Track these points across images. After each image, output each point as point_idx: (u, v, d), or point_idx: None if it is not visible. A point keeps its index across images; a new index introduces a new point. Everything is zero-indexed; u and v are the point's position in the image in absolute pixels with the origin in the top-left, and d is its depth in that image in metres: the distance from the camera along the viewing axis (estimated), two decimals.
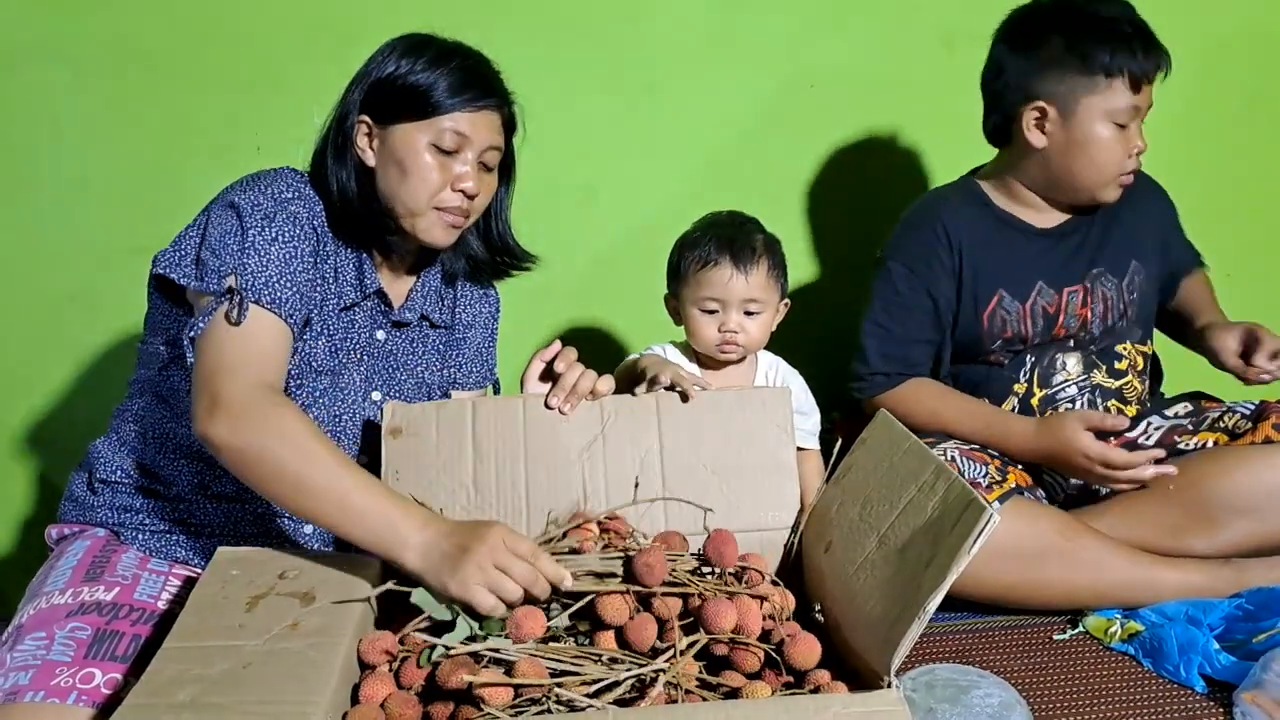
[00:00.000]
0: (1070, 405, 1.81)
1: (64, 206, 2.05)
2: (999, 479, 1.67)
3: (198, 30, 2.01)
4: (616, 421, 1.44)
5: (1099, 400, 1.82)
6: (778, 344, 1.78)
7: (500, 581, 1.15)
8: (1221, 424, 1.76)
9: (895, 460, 1.33)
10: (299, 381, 1.43)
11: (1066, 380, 1.82)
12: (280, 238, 1.36)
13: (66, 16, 1.97)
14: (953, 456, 1.69)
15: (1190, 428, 1.78)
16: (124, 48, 2.00)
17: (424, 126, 1.41)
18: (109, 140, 2.04)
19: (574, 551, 1.26)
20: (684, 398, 1.47)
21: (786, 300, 1.77)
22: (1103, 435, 1.67)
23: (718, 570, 1.25)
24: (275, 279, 1.34)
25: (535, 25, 2.12)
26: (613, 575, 1.21)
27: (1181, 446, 1.75)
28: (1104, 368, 1.83)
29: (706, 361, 1.77)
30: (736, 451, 1.45)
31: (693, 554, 1.29)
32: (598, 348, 2.31)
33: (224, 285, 1.32)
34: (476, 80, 1.44)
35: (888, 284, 1.84)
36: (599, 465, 1.43)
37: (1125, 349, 1.85)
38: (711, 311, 1.71)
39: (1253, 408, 1.75)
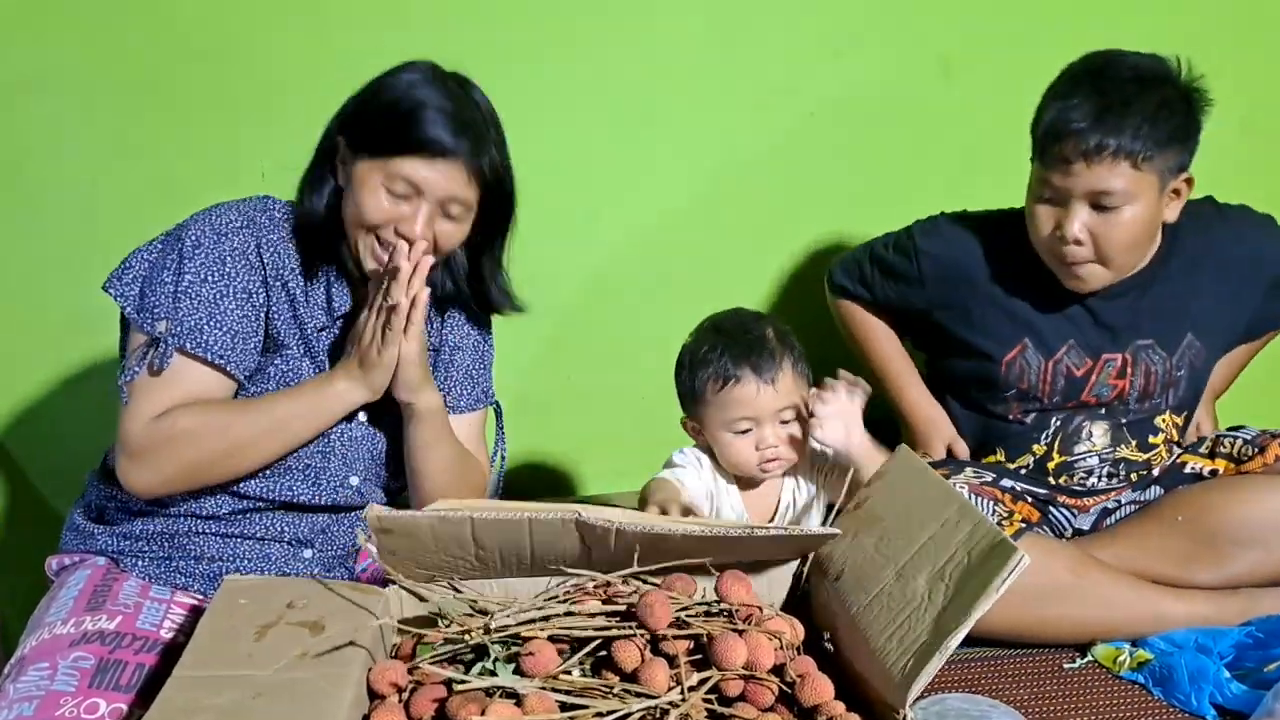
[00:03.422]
0: (1086, 475, 1.76)
1: (69, 232, 2.06)
2: (1006, 516, 1.66)
3: (204, 58, 2.01)
4: None
5: (1121, 472, 1.76)
6: None
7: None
8: (1222, 449, 1.75)
9: (916, 496, 1.33)
10: None
11: (1090, 451, 1.76)
12: (211, 277, 1.38)
13: (73, 46, 1.97)
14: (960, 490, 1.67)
15: (1200, 451, 1.78)
16: (131, 76, 2.00)
17: (379, 165, 1.38)
18: (115, 166, 2.04)
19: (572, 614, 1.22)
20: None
21: (814, 390, 1.60)
22: None
23: (728, 610, 1.21)
24: (205, 322, 1.37)
25: (536, 51, 2.13)
26: (618, 615, 1.20)
27: (1189, 470, 1.75)
28: (1134, 442, 1.76)
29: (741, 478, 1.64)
30: None
31: (701, 602, 1.24)
32: (598, 369, 2.31)
33: (156, 329, 1.36)
34: (441, 130, 1.37)
35: (895, 254, 1.85)
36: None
37: (1164, 421, 1.77)
38: (744, 431, 1.57)
39: (1254, 434, 1.74)
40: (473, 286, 1.58)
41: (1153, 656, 1.53)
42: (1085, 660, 1.58)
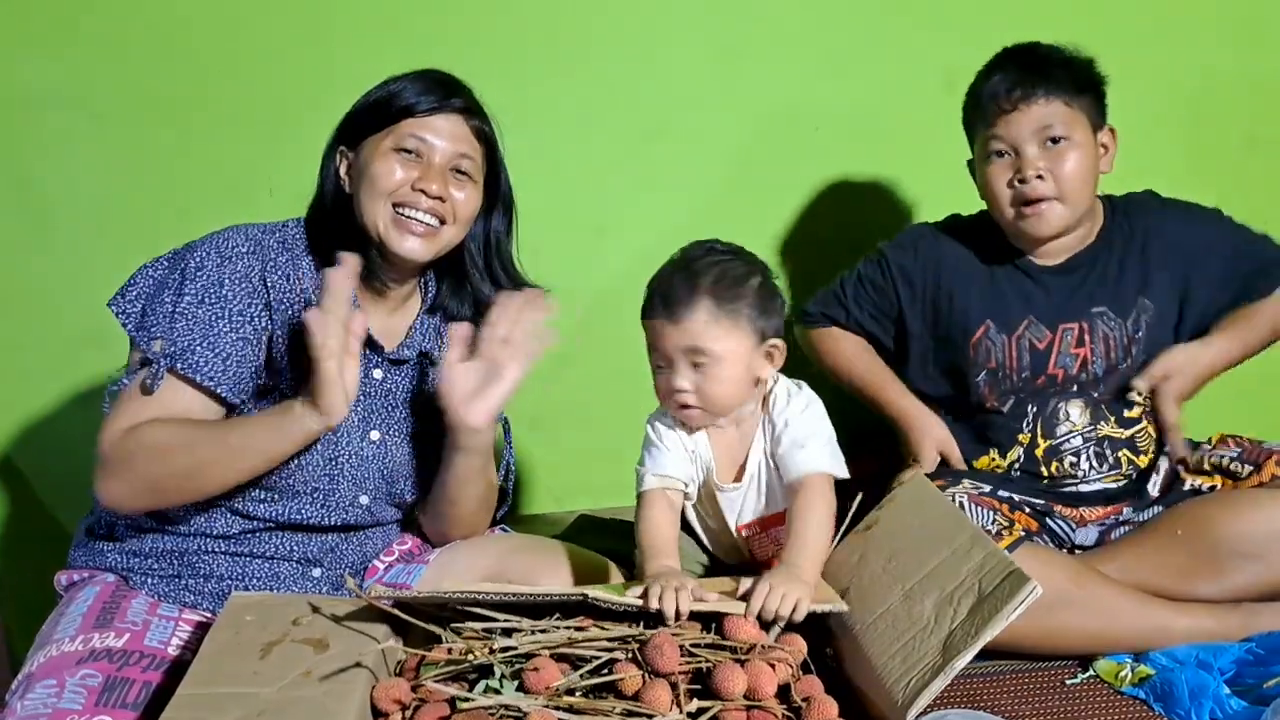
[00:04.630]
0: (1075, 457, 1.80)
1: (80, 249, 2.07)
2: (1006, 525, 1.66)
3: (213, 76, 2.03)
4: None
5: (1108, 451, 1.80)
6: None
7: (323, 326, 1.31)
8: (1218, 464, 1.75)
9: (927, 522, 1.34)
10: None
11: (1071, 431, 1.81)
12: (208, 299, 1.39)
13: (84, 64, 2.00)
14: (960, 502, 1.67)
15: (1193, 467, 1.78)
16: (140, 94, 2.02)
17: (387, 134, 1.45)
18: (125, 183, 2.06)
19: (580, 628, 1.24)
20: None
21: (774, 341, 1.51)
22: None
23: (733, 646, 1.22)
24: (198, 344, 1.38)
25: (546, 69, 2.15)
26: (624, 642, 1.20)
27: (1188, 487, 1.75)
28: (1113, 418, 1.81)
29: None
30: None
31: (706, 634, 1.25)
32: (603, 385, 2.32)
33: (151, 348, 1.37)
34: (436, 85, 1.47)
35: (869, 267, 1.94)
36: None
37: (1137, 393, 1.82)
38: (660, 368, 1.51)
39: (1249, 447, 1.74)
40: (495, 289, 1.58)
41: (1154, 672, 1.53)
42: (1087, 675, 1.58)
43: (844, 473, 1.51)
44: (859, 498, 1.47)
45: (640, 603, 1.24)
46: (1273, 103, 2.40)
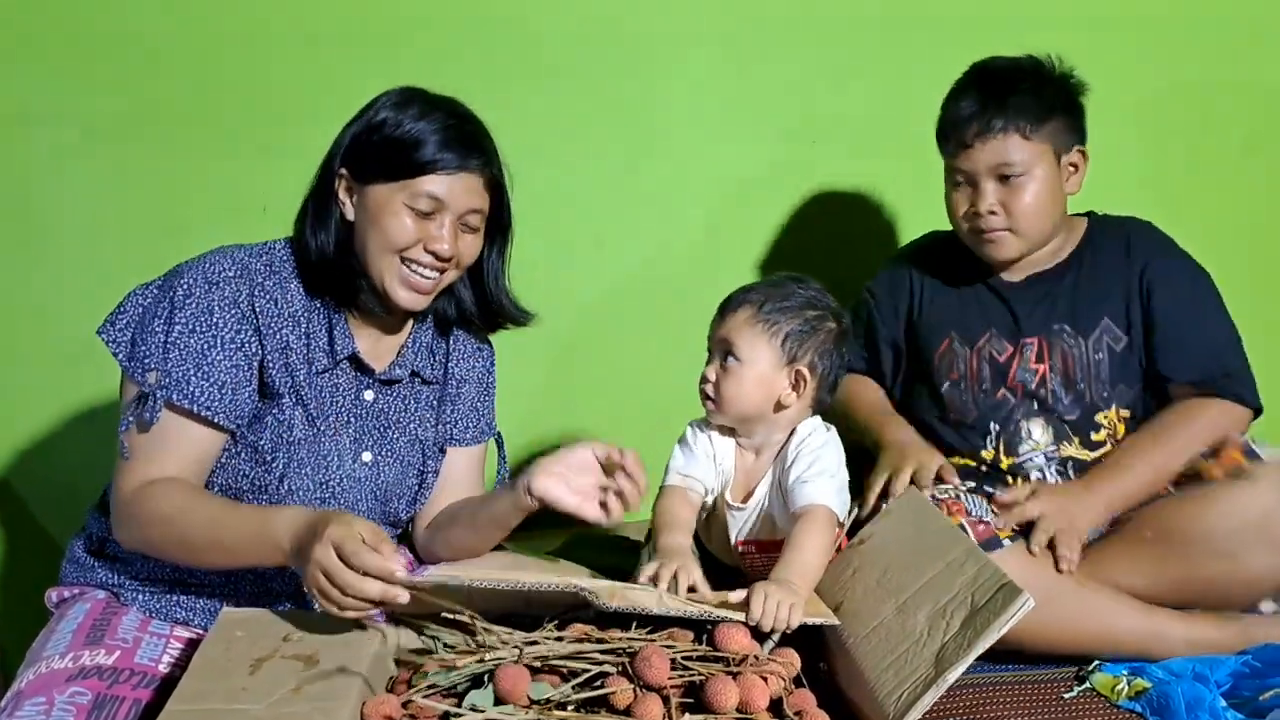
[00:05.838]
0: (1040, 475, 1.78)
1: (73, 265, 2.07)
2: (999, 515, 1.66)
3: (205, 93, 2.04)
4: None
5: (1071, 472, 1.77)
6: None
7: (329, 591, 1.19)
8: None
9: (922, 536, 1.35)
10: (273, 455, 1.43)
11: (1034, 449, 1.79)
12: (199, 328, 1.38)
13: (76, 80, 2.01)
14: (957, 495, 1.67)
15: None
16: (133, 110, 2.03)
17: (402, 188, 1.41)
18: (118, 200, 2.06)
19: (577, 642, 1.23)
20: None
21: (801, 369, 1.54)
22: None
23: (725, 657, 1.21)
24: (192, 374, 1.37)
25: (543, 83, 2.16)
26: (615, 654, 1.19)
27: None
28: (1077, 439, 1.79)
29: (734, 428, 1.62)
30: None
31: (698, 646, 1.24)
32: (602, 392, 2.32)
33: (146, 380, 1.37)
34: (456, 143, 1.42)
35: (858, 309, 1.95)
36: None
37: (1107, 418, 1.79)
38: (708, 360, 1.61)
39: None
40: (480, 304, 1.59)
41: (1150, 685, 1.52)
42: (1083, 688, 1.57)
43: (844, 515, 1.54)
44: (853, 513, 1.47)
45: (639, 586, 1.27)
46: (1272, 107, 2.40)
